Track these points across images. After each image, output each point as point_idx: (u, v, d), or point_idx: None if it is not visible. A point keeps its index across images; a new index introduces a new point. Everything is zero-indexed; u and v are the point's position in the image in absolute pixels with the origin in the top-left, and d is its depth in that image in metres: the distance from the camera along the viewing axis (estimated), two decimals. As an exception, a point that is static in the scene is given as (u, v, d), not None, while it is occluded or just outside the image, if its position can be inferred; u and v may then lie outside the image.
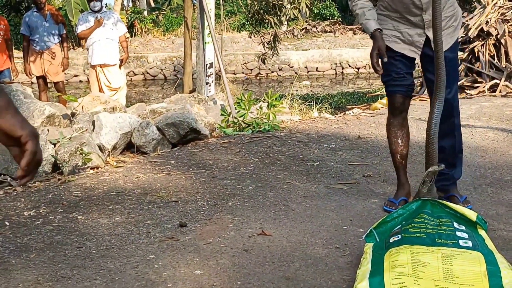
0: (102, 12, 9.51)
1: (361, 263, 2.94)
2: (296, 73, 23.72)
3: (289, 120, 7.31)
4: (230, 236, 3.49)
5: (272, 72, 24.52)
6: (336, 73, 24.63)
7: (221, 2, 11.85)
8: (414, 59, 3.96)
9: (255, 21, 12.13)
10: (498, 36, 9.13)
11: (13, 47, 9.88)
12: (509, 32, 9.19)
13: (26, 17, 9.88)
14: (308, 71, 24.62)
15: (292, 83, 12.86)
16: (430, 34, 3.77)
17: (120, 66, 9.53)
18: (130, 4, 34.00)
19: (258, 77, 24.41)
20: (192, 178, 4.60)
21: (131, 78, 23.38)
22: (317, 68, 24.67)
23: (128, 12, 28.14)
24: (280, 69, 24.55)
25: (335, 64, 24.84)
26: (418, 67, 9.44)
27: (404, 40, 3.87)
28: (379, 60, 3.76)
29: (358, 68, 24.32)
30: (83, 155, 4.90)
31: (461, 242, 2.92)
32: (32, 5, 10.93)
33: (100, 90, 9.31)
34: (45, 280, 2.93)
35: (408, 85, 3.92)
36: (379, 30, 3.81)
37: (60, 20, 10.01)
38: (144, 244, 3.39)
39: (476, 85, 9.01)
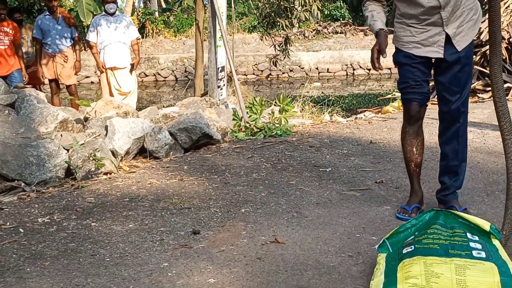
0: (115, 15, 9.56)
1: (374, 274, 2.94)
2: (307, 74, 23.74)
3: (300, 124, 7.32)
4: (243, 244, 3.50)
5: (283, 73, 24.53)
6: (347, 74, 24.62)
7: (233, 4, 11.83)
8: (431, 65, 3.95)
9: (267, 24, 12.15)
10: (511, 39, 9.10)
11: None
12: (521, 35, 9.18)
13: (39, 20, 9.92)
14: (319, 72, 24.62)
15: (303, 84, 12.86)
16: (449, 31, 3.77)
17: (131, 71, 9.56)
18: (141, 5, 34.07)
19: (269, 79, 24.42)
20: (205, 184, 4.61)
21: (142, 79, 23.46)
22: (328, 69, 24.67)
23: (139, 13, 28.19)
24: (291, 70, 24.56)
25: (346, 65, 24.83)
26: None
27: (424, 43, 3.86)
28: (379, 58, 3.81)
29: (369, 69, 24.27)
30: (96, 160, 4.93)
31: (474, 252, 2.92)
32: (44, 7, 10.97)
33: (111, 94, 9.36)
34: (60, 288, 2.96)
35: (425, 93, 3.90)
36: (384, 30, 3.85)
37: (72, 23, 10.05)
38: (157, 251, 3.41)
39: (488, 88, 8.97)
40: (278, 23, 11.51)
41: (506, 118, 3.35)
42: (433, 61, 3.94)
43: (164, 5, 34.38)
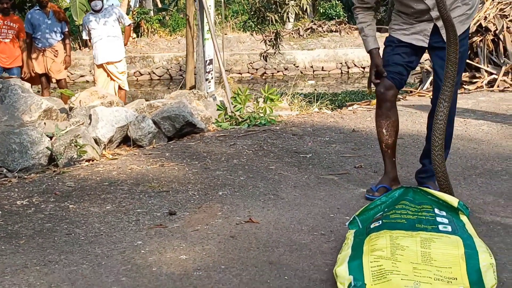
0: (103, 10, 9.62)
1: (342, 248, 2.98)
2: (301, 72, 23.75)
3: (287, 115, 7.35)
4: (218, 224, 3.54)
5: (278, 71, 24.53)
6: (341, 73, 24.62)
7: (223, 1, 11.88)
8: (419, 53, 4.01)
9: (257, 19, 12.19)
10: (497, 31, 9.14)
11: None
12: (507, 27, 9.20)
13: (29, 15, 9.97)
14: (313, 71, 24.62)
15: (298, 81, 12.90)
16: (439, 23, 3.81)
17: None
18: (137, 4, 34.09)
19: (263, 77, 24.43)
20: (185, 169, 4.65)
21: (137, 78, 23.47)
22: (322, 67, 24.67)
23: (134, 12, 28.20)
24: (285, 69, 24.56)
25: (341, 63, 24.82)
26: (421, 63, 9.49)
27: (411, 31, 3.92)
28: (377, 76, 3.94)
29: (363, 68, 24.27)
30: (78, 147, 4.96)
31: (440, 227, 2.96)
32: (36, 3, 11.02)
33: (115, 78, 9.56)
34: (33, 265, 2.99)
35: (397, 74, 3.93)
36: (376, 49, 3.97)
37: (63, 18, 10.09)
38: (132, 231, 3.45)
39: (475, 80, 9.02)
40: (268, 18, 11.56)
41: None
42: (421, 50, 4.01)
43: (160, 5, 34.39)
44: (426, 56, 7.60)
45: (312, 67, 24.71)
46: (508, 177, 4.48)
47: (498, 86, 8.66)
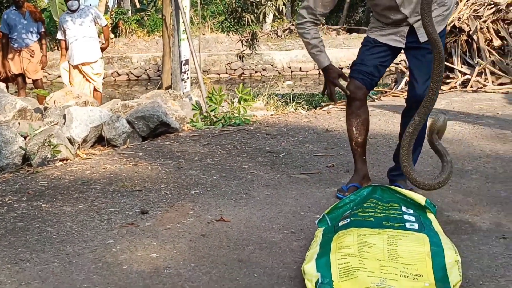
0: (79, 10, 9.59)
1: (311, 246, 3.02)
2: (279, 73, 23.81)
3: (262, 115, 7.39)
4: (189, 222, 3.57)
5: (256, 72, 24.58)
6: (319, 73, 24.61)
7: (199, 1, 11.90)
8: (394, 53, 4.07)
9: (234, 19, 12.22)
10: (471, 32, 9.25)
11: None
12: (481, 28, 9.32)
13: (5, 15, 9.94)
14: (291, 71, 24.69)
15: (276, 82, 12.94)
16: (416, 25, 3.87)
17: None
18: (115, 5, 33.98)
19: (241, 77, 24.46)
20: (158, 168, 4.68)
21: (115, 79, 23.41)
22: (300, 68, 24.74)
23: (112, 12, 28.12)
24: (263, 69, 24.61)
25: (318, 64, 24.89)
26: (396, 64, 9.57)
27: (389, 31, 3.98)
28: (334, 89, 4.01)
29: (341, 68, 24.29)
30: (52, 147, 4.96)
31: (407, 224, 3.02)
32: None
33: (90, 80, 9.52)
34: (4, 263, 3.00)
35: (368, 74, 3.98)
36: (331, 63, 4.03)
37: (39, 18, 10.07)
38: (104, 230, 3.47)
39: (448, 80, 9.11)
40: (245, 18, 11.60)
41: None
42: (397, 50, 4.07)
43: (138, 5, 34.31)
44: (400, 56, 7.69)
45: (290, 67, 24.78)
46: (478, 176, 4.55)
47: (471, 87, 8.76)
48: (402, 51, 4.09)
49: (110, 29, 12.19)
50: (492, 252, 3.11)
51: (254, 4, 11.32)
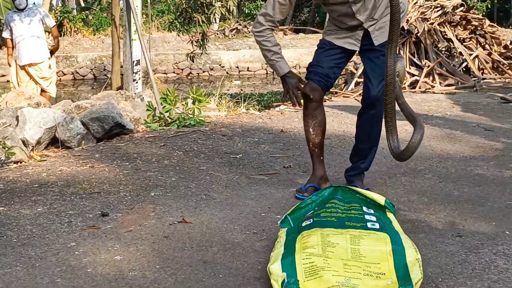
0: (27, 9, 9.45)
1: (274, 247, 3.06)
2: (227, 73, 23.85)
3: (215, 116, 7.41)
4: (151, 224, 3.57)
5: (204, 71, 24.58)
6: (267, 73, 24.81)
7: (149, 1, 11.85)
8: (349, 55, 4.16)
9: (184, 20, 12.21)
10: (418, 34, 9.44)
11: None
12: (428, 30, 9.51)
13: None
14: (239, 71, 24.77)
15: (222, 82, 12.96)
16: (370, 29, 3.97)
17: (49, 58, 9.55)
18: (59, 3, 33.52)
19: (189, 77, 24.43)
20: (116, 170, 4.66)
21: (60, 78, 23.07)
22: (248, 68, 24.83)
23: (56, 11, 27.73)
24: (211, 69, 24.63)
25: (266, 64, 24.97)
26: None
27: (344, 35, 4.05)
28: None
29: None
30: (6, 149, 4.90)
31: (369, 224, 3.08)
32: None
33: (37, 83, 9.35)
34: (-36, 268, 2.96)
35: (325, 76, 4.03)
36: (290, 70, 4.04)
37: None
38: (65, 232, 3.44)
39: (398, 81, 9.28)
40: (195, 19, 11.60)
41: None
42: (352, 53, 4.15)
43: (83, 4, 33.91)
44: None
45: (237, 67, 24.85)
46: (431, 175, 4.66)
47: (420, 88, 8.94)
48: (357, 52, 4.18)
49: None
50: (449, 250, 3.20)
51: (204, 4, 11.34)
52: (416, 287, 2.64)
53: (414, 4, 9.97)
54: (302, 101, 4.12)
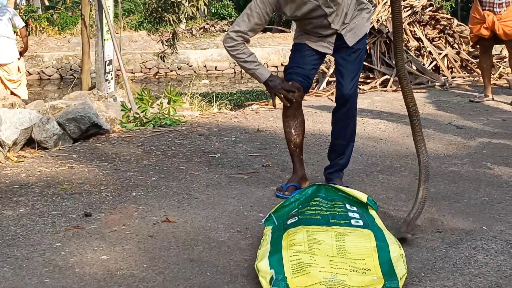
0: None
1: (261, 244, 3.11)
2: (195, 72, 23.83)
3: (190, 115, 7.43)
4: (135, 224, 3.60)
5: (171, 71, 24.55)
6: (235, 72, 24.86)
7: (119, 1, 11.82)
8: (323, 57, 4.24)
9: (154, 19, 12.20)
10: (389, 33, 9.55)
11: None
12: (398, 30, 9.61)
13: None
14: (207, 70, 24.78)
15: (191, 81, 12.98)
16: (342, 32, 4.05)
17: (19, 59, 9.43)
18: (24, 2, 33.23)
19: (156, 76, 24.38)
20: (95, 170, 4.66)
21: (26, 78, 22.85)
22: (216, 67, 24.85)
23: (21, 10, 27.46)
24: (179, 68, 24.60)
25: (234, 63, 25.01)
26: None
27: (317, 39, 4.13)
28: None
29: (256, 67, 24.57)
30: (-17, 150, 4.88)
31: (353, 221, 3.15)
32: None
33: (6, 86, 9.23)
34: (-49, 270, 2.96)
35: (305, 76, 4.10)
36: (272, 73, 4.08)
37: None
38: (50, 233, 3.45)
39: (369, 80, 9.39)
40: (166, 18, 11.59)
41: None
42: (325, 54, 4.23)
43: (47, 3, 33.61)
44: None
45: (205, 66, 24.86)
46: (407, 173, 4.74)
47: (391, 86, 9.04)
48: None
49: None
50: (430, 245, 3.28)
51: (175, 4, 11.33)
52: (401, 282, 2.71)
53: (384, 4, 10.08)
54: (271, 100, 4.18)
